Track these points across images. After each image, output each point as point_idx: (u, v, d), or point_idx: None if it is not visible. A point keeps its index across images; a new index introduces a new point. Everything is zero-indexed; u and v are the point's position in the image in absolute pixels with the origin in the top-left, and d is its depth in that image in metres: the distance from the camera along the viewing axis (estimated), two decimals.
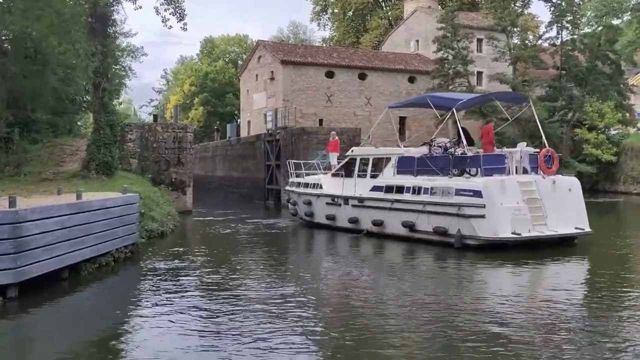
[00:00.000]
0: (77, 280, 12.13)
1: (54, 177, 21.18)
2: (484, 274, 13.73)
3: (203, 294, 11.54)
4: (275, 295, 11.30)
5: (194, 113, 65.62)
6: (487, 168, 16.91)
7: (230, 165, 43.93)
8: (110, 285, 12.69)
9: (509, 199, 15.95)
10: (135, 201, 15.27)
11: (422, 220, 17.37)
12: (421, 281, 13.01)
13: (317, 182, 22.42)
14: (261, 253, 17.34)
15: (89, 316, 10.19)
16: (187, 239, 20.94)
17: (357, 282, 12.70)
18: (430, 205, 17.13)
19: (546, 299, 10.89)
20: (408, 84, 45.14)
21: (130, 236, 14.68)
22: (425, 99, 21.01)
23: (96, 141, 21.02)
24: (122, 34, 40.09)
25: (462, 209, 16.18)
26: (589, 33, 44.11)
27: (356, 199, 19.99)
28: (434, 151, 18.67)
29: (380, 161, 19.98)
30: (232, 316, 9.74)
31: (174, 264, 14.44)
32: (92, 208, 12.46)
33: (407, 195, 18.00)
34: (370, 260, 16.14)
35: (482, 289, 12.31)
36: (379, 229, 18.99)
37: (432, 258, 15.68)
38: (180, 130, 28.69)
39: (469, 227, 16.01)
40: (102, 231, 12.94)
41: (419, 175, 18.16)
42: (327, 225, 21.47)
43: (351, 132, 33.95)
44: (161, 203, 21.38)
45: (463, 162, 17.61)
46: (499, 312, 9.84)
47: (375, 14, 65.62)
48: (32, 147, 26.71)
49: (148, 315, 9.97)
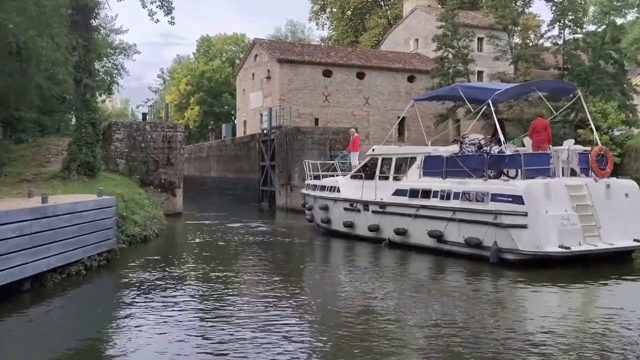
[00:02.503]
0: (41, 291, 11.08)
1: (34, 178, 20.19)
2: (525, 296, 11.71)
3: (183, 309, 10.33)
4: (272, 317, 9.68)
5: (189, 113, 64.67)
6: (529, 169, 14.60)
7: (224, 166, 42.99)
8: (79, 296, 11.55)
9: (555, 205, 13.79)
10: (111, 204, 14.21)
11: (452, 230, 15.26)
12: (450, 302, 10.84)
13: (335, 184, 20.32)
14: (255, 263, 15.68)
15: (50, 332, 9.14)
16: (172, 244, 19.81)
17: (375, 302, 10.87)
18: (462, 212, 15.00)
19: (600, 326, 9.04)
20: (407, 83, 44.21)
21: (105, 242, 13.66)
22: (455, 89, 18.73)
23: (77, 140, 19.99)
24: (113, 30, 39.04)
25: (499, 217, 14.04)
26: (591, 32, 43.22)
27: (377, 204, 17.90)
28: (466, 149, 16.28)
29: (404, 161, 17.86)
30: (218, 338, 8.53)
31: (152, 273, 13.34)
32: (58, 213, 11.41)
33: (434, 200, 15.90)
34: (391, 276, 13.80)
35: (523, 313, 10.38)
36: (402, 239, 16.95)
37: (463, 275, 13.55)
38: (170, 130, 27.70)
39: (508, 239, 13.84)
40: (71, 237, 11.89)
41: (448, 177, 16.03)
42: (345, 233, 19.46)
43: (347, 132, 32.84)
44: (146, 205, 20.38)
45: (500, 162, 15.29)
46: (542, 343, 8.19)
47: (374, 13, 64.66)
48: (17, 146, 25.81)
49: (117, 332, 9.00)
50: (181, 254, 17.30)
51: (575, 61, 41.48)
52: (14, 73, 23.80)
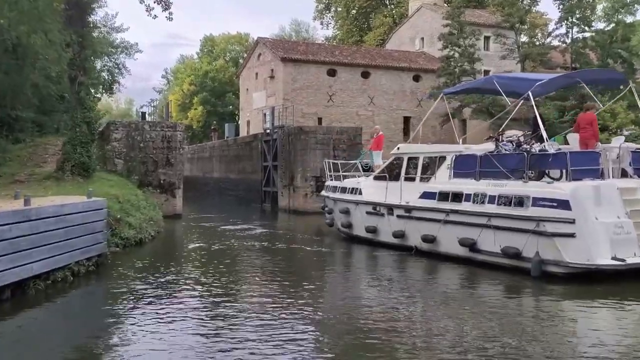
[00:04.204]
0: (23, 300, 10.41)
1: (27, 179, 19.61)
2: (574, 315, 10.23)
3: (175, 320, 9.59)
4: (280, 337, 8.49)
5: (193, 113, 64.14)
6: (576, 170, 12.84)
7: (227, 167, 42.40)
8: (62, 305, 10.82)
9: (606, 211, 12.18)
10: (101, 206, 13.57)
11: (487, 238, 13.72)
12: (485, 321, 9.42)
13: (356, 186, 18.81)
14: (259, 272, 14.42)
15: (26, 346, 8.51)
16: (168, 248, 19.05)
17: (400, 317, 9.74)
18: (498, 218, 13.44)
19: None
20: (413, 82, 43.54)
21: (95, 246, 13.02)
22: (490, 80, 16.77)
23: (72, 140, 19.39)
24: (114, 29, 38.47)
25: (542, 224, 12.46)
26: (600, 30, 42.52)
27: (402, 208, 16.50)
28: (503, 147, 14.52)
29: (432, 161, 16.38)
30: (219, 357, 7.76)
31: (143, 280, 12.67)
32: (42, 216, 10.77)
33: (466, 204, 14.36)
34: (418, 289, 12.40)
35: (571, 335, 8.94)
36: (430, 247, 15.52)
37: (500, 289, 12.09)
38: (170, 129, 27.08)
39: (552, 250, 12.28)
40: (56, 242, 11.25)
41: (482, 178, 14.36)
42: (367, 239, 18.07)
43: (352, 131, 32.21)
44: (143, 207, 19.75)
45: (543, 161, 13.47)
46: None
47: (379, 11, 64.02)
48: (14, 147, 25.25)
49: (102, 347, 8.32)
50: (177, 258, 16.58)
51: (583, 60, 40.80)
52: (9, 71, 23.27)
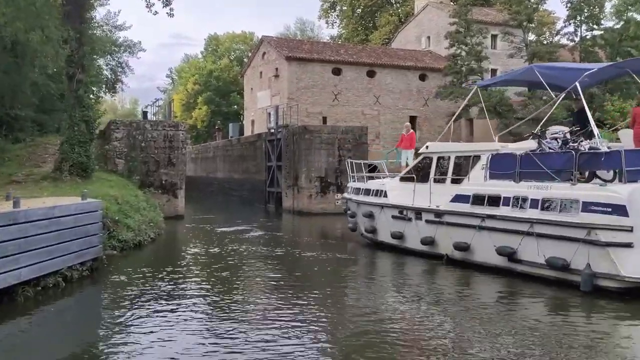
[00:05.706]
0: (10, 308, 9.86)
1: (24, 180, 19.15)
2: (631, 335, 9.05)
3: (172, 327, 9.08)
4: (287, 354, 7.79)
5: (197, 112, 63.65)
6: (632, 171, 11.26)
7: (231, 167, 41.93)
8: (52, 313, 10.23)
9: None
10: (96, 208, 13.03)
11: (529, 247, 12.33)
12: (526, 341, 8.33)
13: (381, 188, 17.36)
14: (260, 278, 13.57)
15: (12, 358, 8.01)
16: (168, 250, 18.43)
17: (429, 336, 8.75)
18: (542, 225, 12.01)
19: None
20: (419, 81, 42.95)
21: (89, 250, 12.49)
22: (531, 71, 14.87)
23: (70, 139, 18.88)
24: (116, 27, 37.98)
25: (594, 232, 11.04)
26: (609, 28, 41.84)
27: (432, 212, 15.13)
28: (547, 145, 13.03)
29: (465, 161, 14.90)
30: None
31: (139, 285, 12.15)
32: (31, 219, 10.26)
33: (504, 209, 12.94)
34: (450, 302, 11.05)
35: (626, 359, 7.83)
36: (463, 256, 14.17)
37: (544, 305, 10.86)
38: (172, 129, 26.59)
39: (606, 261, 10.88)
40: (47, 246, 10.73)
41: (523, 180, 12.88)
42: (393, 245, 16.72)
43: (357, 130, 31.63)
44: (143, 208, 19.24)
45: (594, 160, 11.85)
46: None
47: (384, 10, 63.45)
48: (14, 146, 24.84)
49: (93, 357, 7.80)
50: (175, 262, 15.93)
51: (592, 58, 40.14)
52: (8, 70, 22.81)
